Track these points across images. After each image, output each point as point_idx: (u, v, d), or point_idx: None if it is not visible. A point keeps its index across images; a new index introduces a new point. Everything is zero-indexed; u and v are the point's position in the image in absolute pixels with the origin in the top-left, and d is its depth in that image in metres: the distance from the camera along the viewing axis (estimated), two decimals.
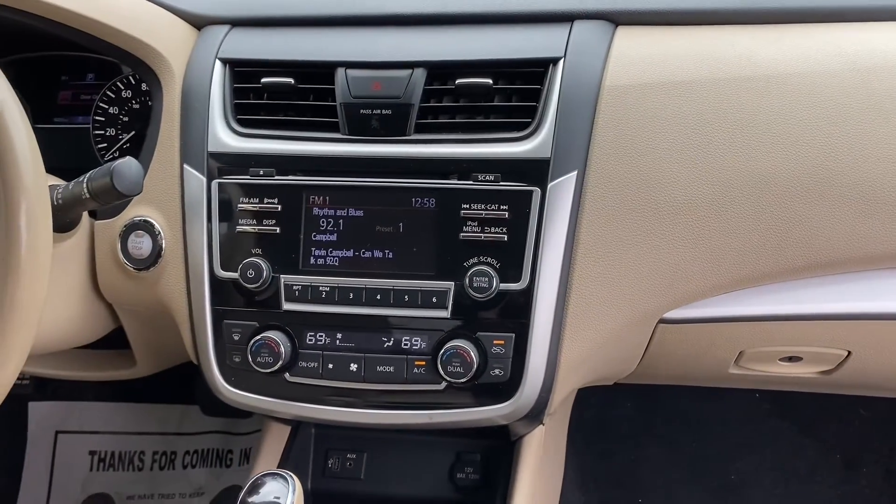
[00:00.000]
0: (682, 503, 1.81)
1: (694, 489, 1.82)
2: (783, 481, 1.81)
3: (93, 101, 1.27)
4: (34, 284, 0.74)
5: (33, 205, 0.74)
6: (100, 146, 1.24)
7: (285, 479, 0.87)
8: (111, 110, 1.23)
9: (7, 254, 0.72)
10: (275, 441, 1.18)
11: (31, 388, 1.63)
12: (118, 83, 1.22)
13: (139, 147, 1.20)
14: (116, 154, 1.22)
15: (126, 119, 1.23)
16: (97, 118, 1.22)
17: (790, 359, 1.10)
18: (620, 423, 1.92)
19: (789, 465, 1.82)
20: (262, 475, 0.88)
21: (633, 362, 1.08)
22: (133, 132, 1.21)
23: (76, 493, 1.92)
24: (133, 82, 1.22)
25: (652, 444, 1.88)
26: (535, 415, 0.97)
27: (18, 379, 1.61)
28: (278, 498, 0.86)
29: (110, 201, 0.89)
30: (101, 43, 1.02)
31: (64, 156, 1.23)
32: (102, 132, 1.23)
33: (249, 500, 0.86)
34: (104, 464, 1.96)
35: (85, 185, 0.86)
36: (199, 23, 1.10)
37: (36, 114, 1.26)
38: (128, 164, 0.85)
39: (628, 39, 0.99)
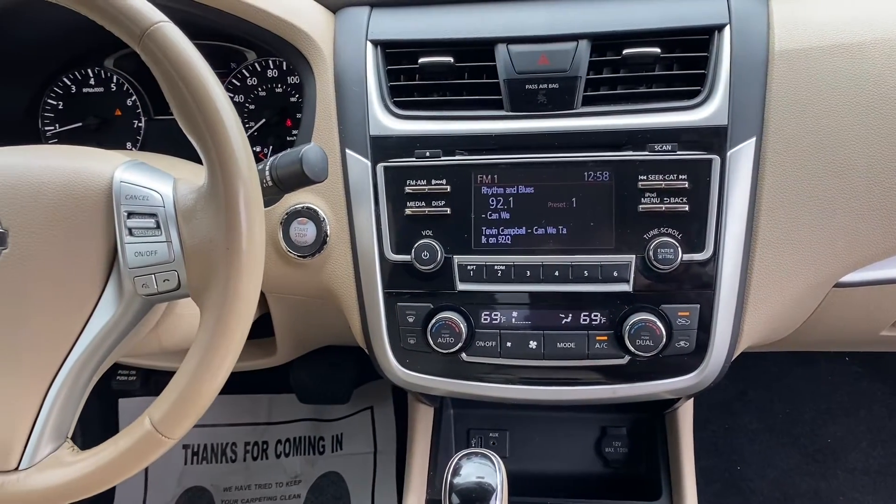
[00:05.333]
0: (781, 468, 1.82)
1: (791, 454, 1.83)
2: (880, 443, 1.82)
3: None
4: (254, 270, 0.73)
5: (250, 192, 0.73)
6: None
7: (488, 458, 0.87)
8: (237, 98, 1.21)
9: (229, 240, 0.72)
10: (423, 422, 1.18)
11: (138, 382, 1.63)
12: (243, 70, 1.21)
13: (267, 134, 1.20)
14: None
15: (253, 107, 1.21)
16: None
17: None
18: (713, 391, 1.92)
19: (886, 427, 1.82)
20: (462, 456, 0.88)
21: (792, 328, 1.08)
22: (263, 120, 1.19)
23: (172, 487, 1.92)
24: (259, 69, 1.21)
25: (745, 411, 1.89)
26: (715, 384, 0.97)
27: (125, 373, 1.62)
28: (482, 478, 0.86)
29: (293, 188, 0.88)
30: (258, 30, 1.00)
31: (186, 147, 1.21)
32: None
33: (454, 481, 0.86)
34: (198, 457, 1.96)
35: (268, 172, 0.85)
36: (334, 5, 1.09)
37: (157, 105, 1.25)
38: (315, 149, 0.84)
39: (785, 4, 0.98)
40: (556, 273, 0.95)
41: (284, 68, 1.19)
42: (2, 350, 0.76)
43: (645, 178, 0.93)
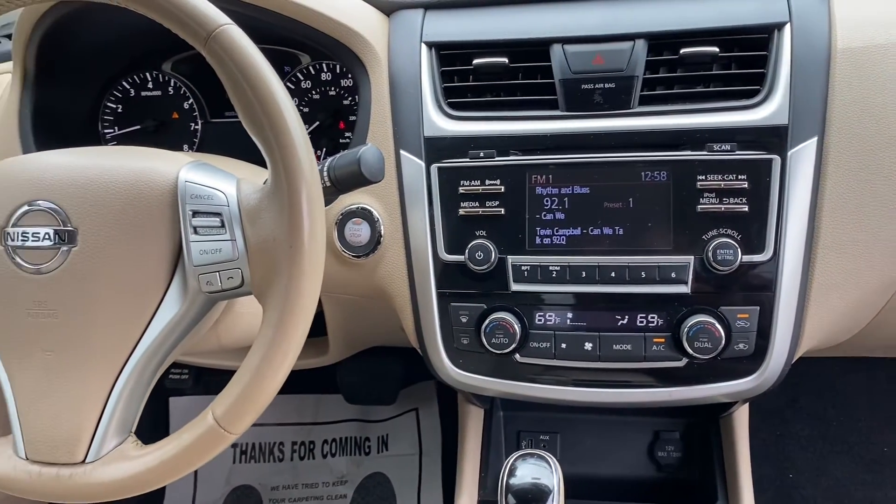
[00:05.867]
0: (835, 476, 1.78)
1: (845, 462, 1.79)
2: None
3: None
4: (316, 268, 0.74)
5: (312, 191, 0.73)
6: None
7: (544, 459, 0.87)
8: None
9: (291, 238, 0.72)
10: (473, 423, 1.18)
11: (191, 381, 1.66)
12: (297, 74, 1.22)
13: (321, 136, 1.22)
14: None
15: (307, 110, 1.23)
16: None
17: None
18: (763, 399, 1.88)
19: None
20: (517, 457, 0.88)
21: (853, 332, 1.06)
22: (317, 122, 1.20)
23: (221, 485, 1.95)
24: (313, 72, 1.22)
25: (797, 418, 1.85)
26: (775, 388, 0.95)
27: (177, 372, 1.65)
28: (538, 479, 0.86)
29: (350, 189, 0.89)
30: (315, 33, 1.02)
31: (240, 149, 1.23)
32: None
33: (510, 482, 0.86)
34: (246, 456, 1.99)
35: (326, 172, 0.86)
36: (388, 8, 1.10)
37: (213, 108, 1.28)
38: (372, 150, 0.85)
39: (846, 1, 0.96)
40: (613, 274, 0.94)
41: (338, 71, 1.21)
42: (71, 346, 0.78)
43: (703, 178, 0.92)
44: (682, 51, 0.94)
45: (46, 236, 0.77)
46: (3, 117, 1.17)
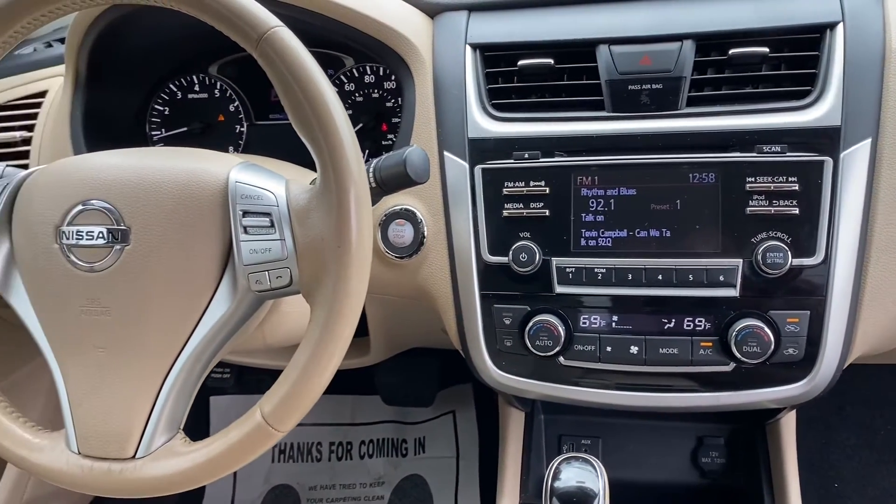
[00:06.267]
0: (882, 486, 1.73)
1: (892, 472, 1.75)
2: None
3: None
4: (363, 268, 0.75)
5: (360, 192, 0.74)
6: None
7: (589, 463, 0.86)
8: None
9: (339, 238, 0.73)
10: (514, 426, 1.18)
11: (232, 380, 1.68)
12: (341, 76, 1.23)
13: (364, 138, 1.22)
14: None
15: (350, 112, 1.23)
16: None
17: None
18: (809, 406, 1.85)
19: None
20: (561, 460, 0.88)
21: None
22: (360, 124, 1.21)
23: (260, 484, 1.97)
24: (356, 75, 1.23)
25: (843, 426, 1.81)
26: (825, 394, 0.93)
27: (220, 370, 1.67)
28: (583, 482, 0.85)
29: (395, 190, 0.89)
30: (361, 35, 1.03)
31: (283, 151, 1.25)
32: None
33: (555, 485, 0.85)
34: (284, 455, 2.01)
35: (371, 173, 0.86)
36: (432, 11, 1.10)
37: (258, 111, 1.29)
38: (417, 151, 0.85)
39: None
40: (660, 277, 0.93)
41: (381, 74, 1.21)
42: (123, 343, 0.79)
43: (753, 179, 0.90)
44: (730, 51, 0.93)
45: (100, 235, 0.79)
46: (55, 119, 1.20)
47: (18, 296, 0.85)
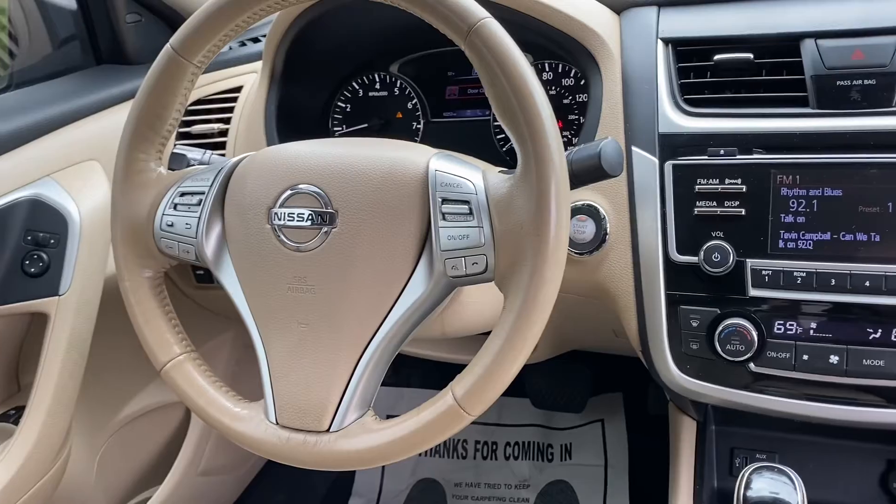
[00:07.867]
0: None
1: None
2: None
3: (480, 94, 1.31)
4: (560, 257, 0.74)
5: (560, 182, 0.74)
6: (498, 136, 1.28)
7: (784, 473, 0.82)
8: None
9: (538, 226, 0.73)
10: (687, 434, 1.14)
11: (390, 370, 1.71)
12: None
13: None
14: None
15: None
16: None
17: None
18: None
19: None
20: (752, 470, 0.84)
21: None
22: None
23: (407, 476, 2.01)
24: (535, 71, 1.23)
25: None
26: None
27: None
28: (776, 493, 0.81)
29: (587, 182, 0.87)
30: (550, 30, 1.03)
31: (457, 148, 1.27)
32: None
33: (747, 494, 0.81)
34: (430, 450, 2.03)
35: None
36: (619, 6, 1.09)
37: (434, 108, 1.32)
38: (612, 144, 0.84)
39: None
40: (867, 283, 0.87)
41: (560, 70, 1.21)
42: (325, 320, 0.83)
43: None
44: None
45: (309, 217, 0.83)
46: (250, 112, 1.28)
47: (228, 273, 0.91)
